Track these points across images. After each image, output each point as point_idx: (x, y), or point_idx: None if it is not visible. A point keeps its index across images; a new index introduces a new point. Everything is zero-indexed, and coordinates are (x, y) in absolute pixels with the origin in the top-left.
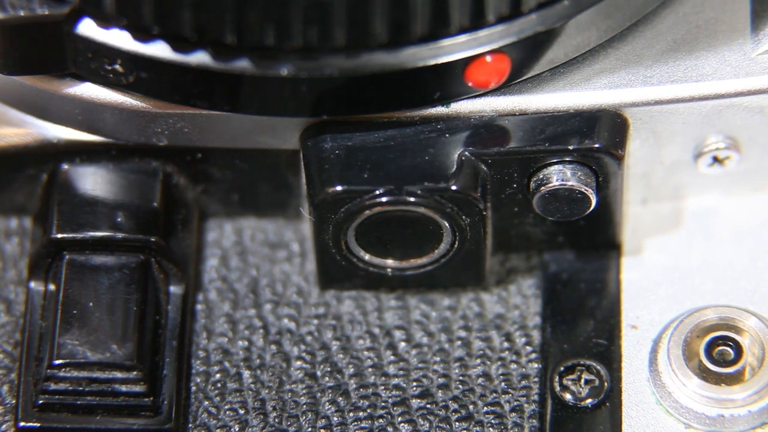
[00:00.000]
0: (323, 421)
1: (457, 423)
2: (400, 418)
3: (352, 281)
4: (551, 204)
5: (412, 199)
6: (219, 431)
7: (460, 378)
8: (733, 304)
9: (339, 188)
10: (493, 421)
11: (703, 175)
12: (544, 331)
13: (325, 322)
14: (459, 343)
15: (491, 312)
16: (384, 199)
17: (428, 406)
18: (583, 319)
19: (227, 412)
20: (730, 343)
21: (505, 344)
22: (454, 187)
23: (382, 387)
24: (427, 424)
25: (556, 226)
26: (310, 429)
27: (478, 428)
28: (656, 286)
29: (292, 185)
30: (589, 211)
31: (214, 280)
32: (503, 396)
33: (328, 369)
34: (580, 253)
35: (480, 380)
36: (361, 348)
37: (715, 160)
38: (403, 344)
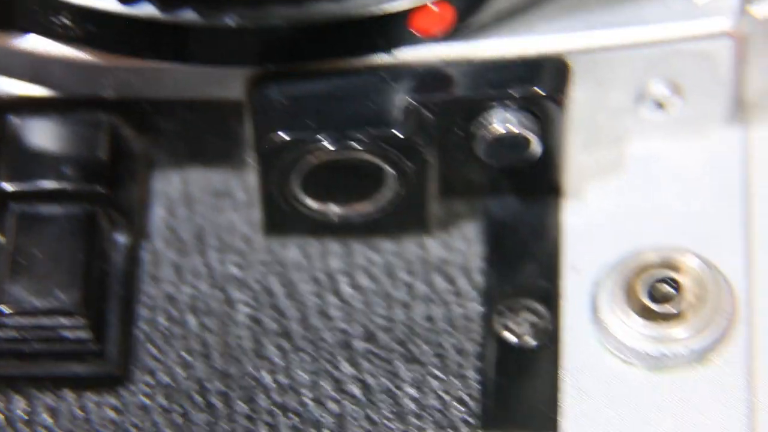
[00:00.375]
0: (267, 363)
1: (399, 364)
2: (343, 361)
3: (297, 228)
4: (495, 150)
5: (356, 146)
6: (164, 375)
7: (404, 321)
8: (674, 245)
9: (284, 135)
10: (435, 362)
11: (645, 121)
12: (486, 274)
13: (270, 268)
14: (402, 286)
15: (435, 256)
16: (328, 146)
17: (371, 348)
18: (525, 262)
19: (172, 357)
20: (671, 283)
21: (448, 287)
22: (398, 134)
23: (326, 330)
24: (370, 366)
25: (499, 172)
26: (253, 371)
27: (420, 369)
28: (598, 229)
29: (239, 135)
30: (531, 157)
31: (160, 228)
32: (446, 338)
33: (273, 314)
34: (523, 198)
35: (423, 323)
36: (305, 293)
37: (658, 105)
38: (347, 289)
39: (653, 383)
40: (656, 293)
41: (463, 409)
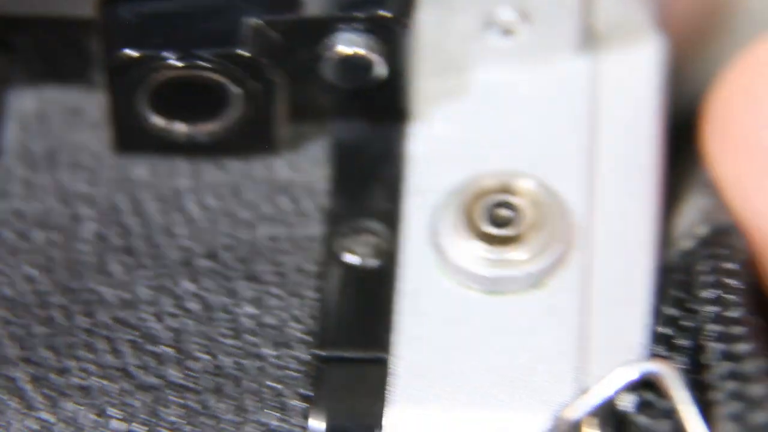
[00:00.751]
0: (109, 278)
1: (241, 282)
2: (184, 277)
3: (146, 146)
4: (340, 71)
5: (202, 64)
6: (7, 289)
7: (247, 240)
8: (515, 170)
9: (130, 52)
10: (275, 281)
11: (492, 47)
12: (331, 195)
13: (117, 186)
14: (248, 206)
15: (281, 177)
16: (175, 63)
17: (213, 266)
18: (369, 185)
19: (17, 271)
20: (509, 206)
21: (293, 208)
22: (244, 52)
23: (170, 247)
24: (212, 283)
25: (347, 95)
26: (95, 286)
27: (261, 287)
28: (442, 153)
29: (92, 53)
30: (377, 79)
31: (13, 145)
32: (288, 257)
33: (118, 230)
34: (369, 122)
35: (266, 242)
36: (151, 210)
37: (505, 31)
38: (193, 207)
39: (490, 306)
40: (494, 217)
41: (300, 327)
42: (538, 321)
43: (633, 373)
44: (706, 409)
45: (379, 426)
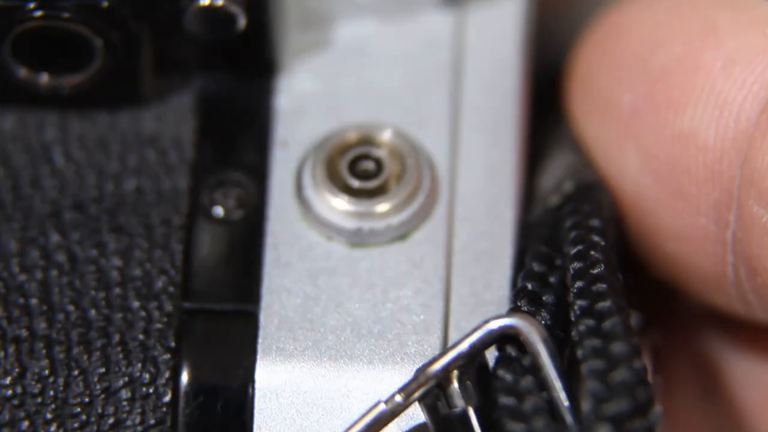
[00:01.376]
0: None
1: (106, 234)
2: (51, 229)
3: (13, 98)
4: (202, 23)
5: (64, 15)
6: None
7: (113, 192)
8: (379, 123)
9: None
10: (142, 233)
11: (357, 1)
12: (196, 147)
13: None
14: (114, 158)
15: (147, 129)
16: (36, 14)
17: (80, 217)
18: (235, 137)
19: None
20: (371, 158)
21: (159, 160)
22: (104, 4)
23: (38, 199)
24: (78, 234)
25: (211, 47)
26: None
27: (126, 239)
28: (307, 107)
29: None
30: (238, 30)
31: None
32: (154, 209)
33: None
34: (234, 75)
35: (132, 194)
36: (19, 163)
37: None
38: (60, 159)
39: (354, 258)
40: (357, 170)
41: (165, 279)
42: (403, 273)
43: (495, 328)
44: (569, 365)
45: (252, 380)
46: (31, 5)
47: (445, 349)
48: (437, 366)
